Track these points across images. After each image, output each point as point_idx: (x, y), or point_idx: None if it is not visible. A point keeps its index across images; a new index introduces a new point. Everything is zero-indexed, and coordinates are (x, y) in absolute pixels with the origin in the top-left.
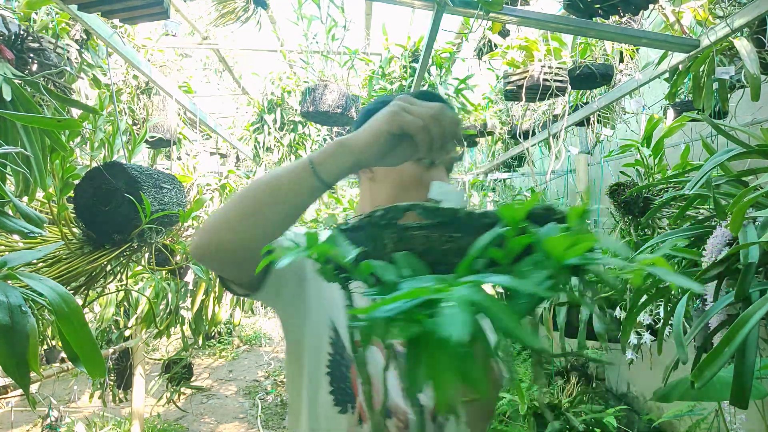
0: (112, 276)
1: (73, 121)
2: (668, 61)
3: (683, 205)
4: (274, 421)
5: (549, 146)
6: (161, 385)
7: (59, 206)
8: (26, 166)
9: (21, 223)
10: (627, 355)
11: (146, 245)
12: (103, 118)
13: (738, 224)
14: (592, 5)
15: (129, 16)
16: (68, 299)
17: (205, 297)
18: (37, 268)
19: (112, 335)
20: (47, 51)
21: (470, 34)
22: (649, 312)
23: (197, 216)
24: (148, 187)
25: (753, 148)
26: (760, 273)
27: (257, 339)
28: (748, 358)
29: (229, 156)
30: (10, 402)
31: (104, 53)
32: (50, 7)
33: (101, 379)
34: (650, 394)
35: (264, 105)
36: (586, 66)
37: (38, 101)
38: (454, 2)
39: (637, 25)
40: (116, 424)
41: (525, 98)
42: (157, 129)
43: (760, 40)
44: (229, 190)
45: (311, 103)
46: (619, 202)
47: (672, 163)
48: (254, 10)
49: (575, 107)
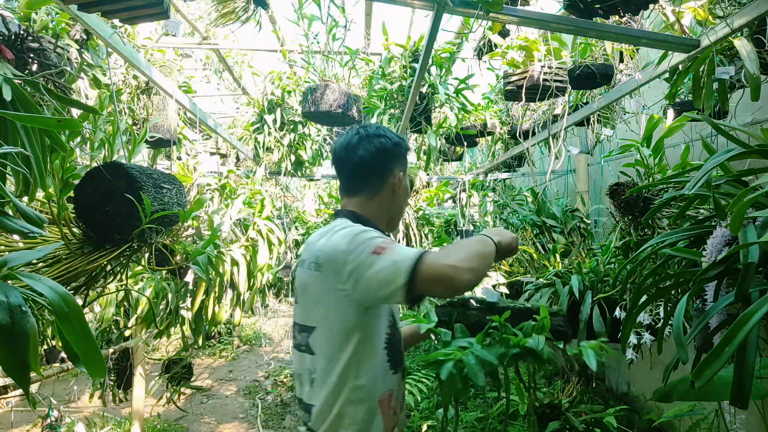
0: (112, 276)
1: (73, 121)
2: (668, 61)
3: (683, 205)
4: (274, 421)
5: (549, 146)
6: (161, 385)
7: (59, 206)
8: (26, 166)
9: (21, 223)
10: (627, 355)
11: (146, 245)
12: (103, 118)
13: (738, 224)
14: (592, 5)
15: (129, 16)
16: (68, 299)
17: (205, 297)
18: (37, 268)
19: (112, 335)
20: (47, 51)
21: (470, 34)
22: (649, 312)
23: (197, 216)
24: (148, 187)
25: (753, 148)
26: (760, 273)
27: (257, 339)
28: (748, 358)
29: (229, 156)
30: (10, 402)
31: (104, 53)
32: (50, 7)
33: (101, 379)
34: (650, 394)
35: (264, 105)
36: (586, 66)
37: (38, 101)
38: (454, 2)
39: (637, 25)
40: (116, 424)
41: (525, 98)
42: (157, 129)
43: (760, 40)
44: (230, 190)
45: (312, 103)
46: (619, 202)
47: (672, 163)
48: (254, 10)
49: (575, 107)
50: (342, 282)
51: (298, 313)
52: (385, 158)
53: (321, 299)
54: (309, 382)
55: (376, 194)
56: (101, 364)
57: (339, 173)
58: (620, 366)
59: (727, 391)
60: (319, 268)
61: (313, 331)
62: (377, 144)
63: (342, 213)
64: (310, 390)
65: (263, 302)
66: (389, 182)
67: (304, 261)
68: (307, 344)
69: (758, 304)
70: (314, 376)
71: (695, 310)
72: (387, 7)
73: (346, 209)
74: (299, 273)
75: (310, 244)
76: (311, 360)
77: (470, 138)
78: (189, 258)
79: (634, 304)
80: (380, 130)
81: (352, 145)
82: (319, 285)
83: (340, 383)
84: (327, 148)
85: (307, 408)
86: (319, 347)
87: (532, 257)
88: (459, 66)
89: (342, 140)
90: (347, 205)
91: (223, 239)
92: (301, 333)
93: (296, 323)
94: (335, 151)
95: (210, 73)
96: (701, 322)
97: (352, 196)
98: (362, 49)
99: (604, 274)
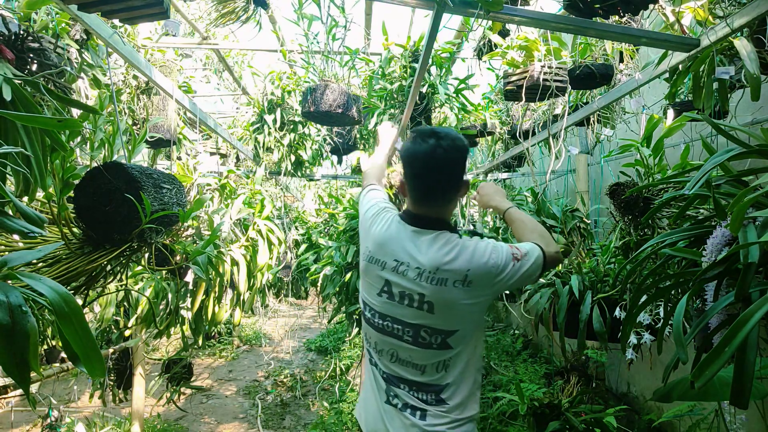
0: (112, 276)
1: (73, 121)
2: (668, 61)
3: (683, 205)
4: (274, 421)
5: (549, 146)
6: (161, 385)
7: (59, 206)
8: (26, 166)
9: (21, 223)
10: (627, 355)
11: (146, 245)
12: (103, 118)
13: (738, 224)
14: (592, 5)
15: (129, 16)
16: (68, 299)
17: (205, 297)
18: (37, 268)
19: (112, 335)
20: (47, 51)
21: (470, 34)
22: (649, 312)
23: (197, 216)
24: (148, 187)
25: (753, 148)
26: (760, 273)
27: (257, 339)
28: (748, 358)
29: (229, 156)
30: (10, 402)
31: (104, 53)
32: (50, 7)
33: (101, 379)
34: (650, 394)
35: (264, 105)
36: (586, 66)
37: (38, 101)
38: (454, 2)
39: (637, 25)
40: (116, 424)
41: (525, 98)
42: (157, 129)
43: (760, 40)
44: (230, 190)
45: (312, 103)
46: (619, 202)
47: (672, 163)
48: (254, 10)
49: (575, 107)
50: (490, 291)
51: (429, 318)
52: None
53: (466, 308)
54: (444, 368)
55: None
56: (101, 364)
57: (419, 189)
58: (620, 366)
59: (727, 391)
60: (469, 284)
61: (455, 333)
62: (464, 149)
63: (443, 223)
64: (444, 374)
65: (263, 302)
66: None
67: (446, 279)
68: (442, 342)
69: (758, 304)
70: (448, 363)
71: (695, 310)
72: (387, 7)
73: (442, 218)
74: (439, 290)
75: (443, 262)
76: (445, 353)
77: (470, 138)
78: (189, 258)
79: (634, 304)
80: (453, 132)
81: (454, 152)
82: (465, 296)
83: (469, 367)
84: (327, 148)
85: (439, 390)
86: (456, 343)
87: None
88: (459, 66)
89: (423, 158)
90: (440, 213)
91: (223, 239)
92: (433, 335)
93: (425, 326)
94: (422, 169)
95: (210, 73)
96: (701, 322)
97: (444, 204)
98: (362, 49)
99: (604, 274)
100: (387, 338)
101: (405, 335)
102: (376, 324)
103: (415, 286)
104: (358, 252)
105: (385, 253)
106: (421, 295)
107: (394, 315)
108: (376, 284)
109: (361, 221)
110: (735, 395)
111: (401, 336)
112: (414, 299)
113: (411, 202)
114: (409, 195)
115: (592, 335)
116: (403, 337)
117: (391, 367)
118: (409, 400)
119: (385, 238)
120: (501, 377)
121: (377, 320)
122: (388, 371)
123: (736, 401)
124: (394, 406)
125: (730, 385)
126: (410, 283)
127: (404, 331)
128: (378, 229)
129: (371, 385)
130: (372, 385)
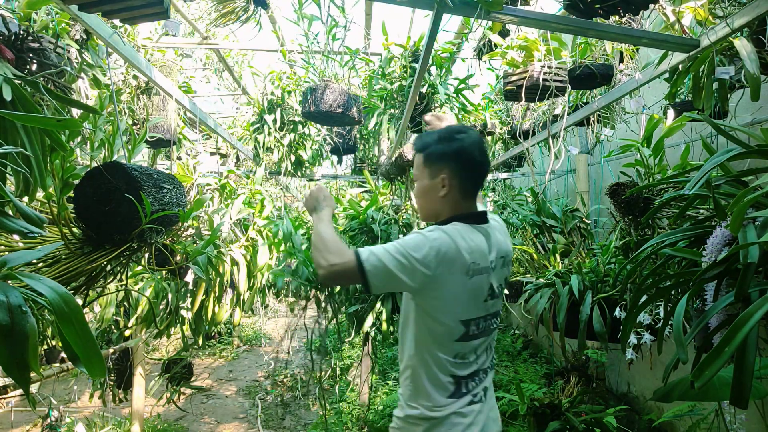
0: (112, 276)
1: (73, 121)
2: (668, 61)
3: (683, 205)
4: (274, 421)
5: (549, 146)
6: (161, 385)
7: (59, 206)
8: (26, 166)
9: (21, 223)
10: (627, 355)
11: (146, 245)
12: (103, 118)
13: (738, 224)
14: (592, 5)
15: (129, 16)
16: (68, 299)
17: (205, 297)
18: (37, 268)
19: (112, 335)
20: (47, 51)
21: (470, 34)
22: (649, 312)
23: (197, 216)
24: (148, 187)
25: (753, 148)
26: (760, 273)
27: (257, 339)
28: (748, 358)
29: (229, 156)
30: (10, 402)
31: (104, 53)
32: (50, 7)
33: (101, 379)
34: (650, 394)
35: (264, 105)
36: (586, 66)
37: (38, 101)
38: (454, 2)
39: (637, 25)
40: (116, 424)
41: (525, 98)
42: (157, 129)
43: (760, 40)
44: (230, 190)
45: (312, 103)
46: (619, 202)
47: (672, 163)
48: (254, 10)
49: (575, 107)
50: None
51: (496, 305)
52: None
53: None
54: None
55: None
56: (101, 364)
57: (481, 177)
58: (620, 366)
59: (727, 391)
60: (509, 264)
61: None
62: None
63: (486, 212)
64: (494, 356)
65: (263, 302)
66: None
67: (504, 258)
68: (496, 324)
69: (758, 304)
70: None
71: (695, 310)
72: (387, 7)
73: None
74: (502, 272)
75: (497, 243)
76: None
77: None
78: (189, 258)
79: (634, 304)
80: None
81: None
82: (509, 272)
83: None
84: (327, 148)
85: (489, 369)
86: None
87: (532, 257)
88: (459, 66)
89: (479, 145)
90: (479, 204)
91: (223, 239)
92: (494, 318)
93: (496, 313)
94: (482, 155)
95: (210, 73)
96: (701, 322)
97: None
98: (362, 49)
99: (604, 274)
100: (487, 338)
101: (496, 323)
102: (482, 328)
103: (499, 276)
104: None
105: (483, 258)
106: (500, 284)
107: (496, 310)
108: (481, 294)
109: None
110: (735, 395)
111: (495, 327)
112: (502, 287)
113: (462, 198)
114: (463, 189)
115: (593, 335)
116: (493, 325)
117: (481, 359)
118: (489, 384)
119: (472, 248)
120: (501, 377)
121: (481, 326)
122: (478, 367)
123: (736, 401)
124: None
125: (730, 385)
126: (497, 273)
127: (496, 321)
128: (462, 245)
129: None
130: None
